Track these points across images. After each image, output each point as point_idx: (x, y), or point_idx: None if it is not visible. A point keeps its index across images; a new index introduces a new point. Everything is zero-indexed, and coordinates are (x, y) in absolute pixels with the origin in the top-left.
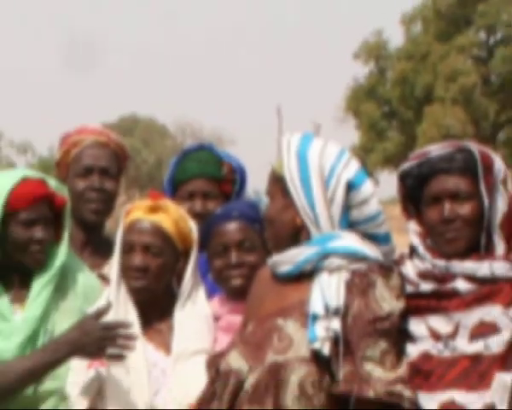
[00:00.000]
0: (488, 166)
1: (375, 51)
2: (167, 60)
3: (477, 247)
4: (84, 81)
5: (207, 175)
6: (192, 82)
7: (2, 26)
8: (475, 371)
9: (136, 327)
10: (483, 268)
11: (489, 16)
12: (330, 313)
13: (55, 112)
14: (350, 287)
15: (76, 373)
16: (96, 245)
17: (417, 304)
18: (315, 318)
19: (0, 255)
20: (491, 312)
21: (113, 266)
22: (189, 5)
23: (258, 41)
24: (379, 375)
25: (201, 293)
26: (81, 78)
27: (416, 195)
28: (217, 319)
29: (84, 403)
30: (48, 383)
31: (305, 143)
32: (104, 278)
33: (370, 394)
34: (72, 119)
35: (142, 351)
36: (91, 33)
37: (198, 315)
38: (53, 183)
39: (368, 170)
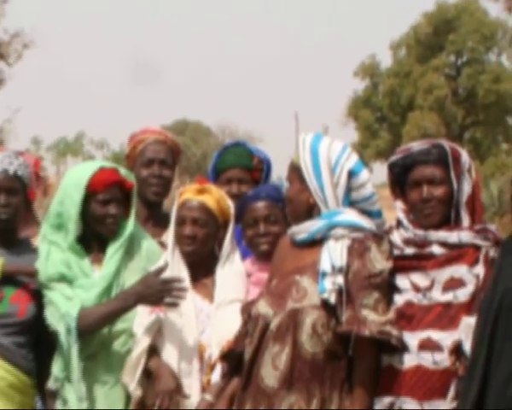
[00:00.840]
0: (457, 158)
1: (369, 70)
2: (211, 77)
3: (448, 220)
4: (147, 92)
5: (241, 165)
6: (230, 94)
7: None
8: (447, 316)
9: (186, 282)
10: (453, 236)
11: (457, 43)
12: (336, 270)
13: (124, 116)
14: (351, 251)
15: (141, 317)
16: (156, 219)
17: (402, 264)
18: (324, 274)
19: (82, 227)
20: (459, 270)
21: (169, 235)
22: (226, 36)
23: (282, 63)
24: (373, 318)
25: (237, 256)
26: (145, 90)
27: (401, 180)
28: (249, 275)
29: (147, 339)
30: (119, 325)
31: (316, 141)
32: (162, 245)
33: (366, 333)
34: (138, 121)
35: (191, 300)
36: (154, 55)
37: (234, 272)
38: (123, 171)
39: (364, 161)
